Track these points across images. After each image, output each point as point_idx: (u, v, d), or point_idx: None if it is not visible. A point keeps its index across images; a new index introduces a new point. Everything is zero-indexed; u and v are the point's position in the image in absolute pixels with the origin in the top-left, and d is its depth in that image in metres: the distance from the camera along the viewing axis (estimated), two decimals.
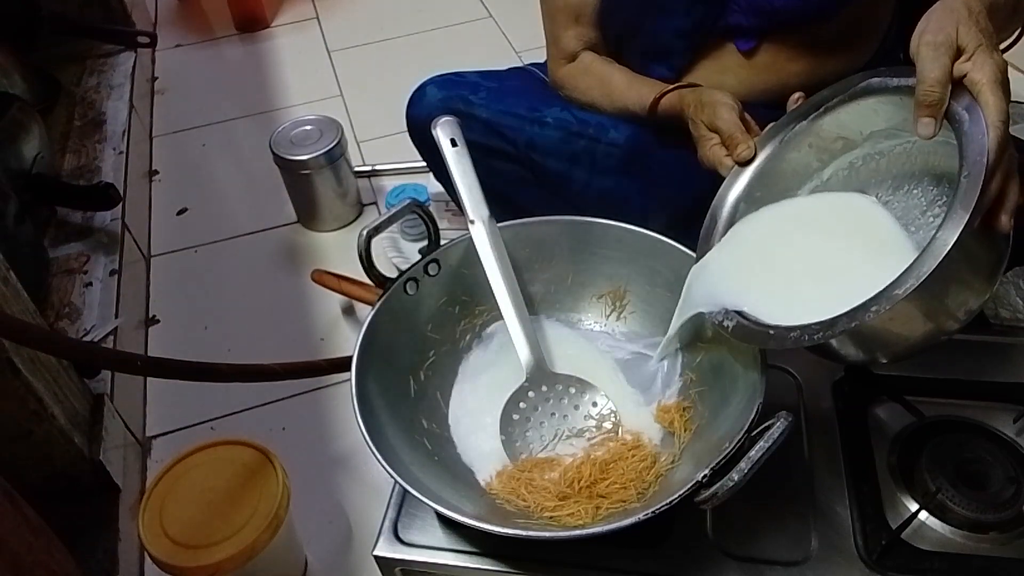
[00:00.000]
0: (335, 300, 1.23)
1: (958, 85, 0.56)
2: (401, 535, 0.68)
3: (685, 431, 0.69)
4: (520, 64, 1.13)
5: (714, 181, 0.91)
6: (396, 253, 1.25)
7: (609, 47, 0.94)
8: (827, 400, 0.76)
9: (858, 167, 0.69)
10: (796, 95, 0.71)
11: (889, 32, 0.88)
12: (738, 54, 0.86)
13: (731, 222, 0.69)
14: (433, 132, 0.77)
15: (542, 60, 1.03)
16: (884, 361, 0.64)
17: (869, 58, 0.87)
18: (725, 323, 0.64)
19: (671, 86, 0.85)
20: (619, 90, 0.90)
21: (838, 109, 0.67)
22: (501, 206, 0.91)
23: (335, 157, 1.30)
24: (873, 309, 0.53)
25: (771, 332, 0.60)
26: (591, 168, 0.93)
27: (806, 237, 0.67)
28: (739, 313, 0.63)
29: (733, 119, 0.72)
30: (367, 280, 0.72)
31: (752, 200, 0.70)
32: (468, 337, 0.79)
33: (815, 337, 0.56)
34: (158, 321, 1.26)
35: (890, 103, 0.64)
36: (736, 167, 0.71)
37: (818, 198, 0.69)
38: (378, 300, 0.72)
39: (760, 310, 0.62)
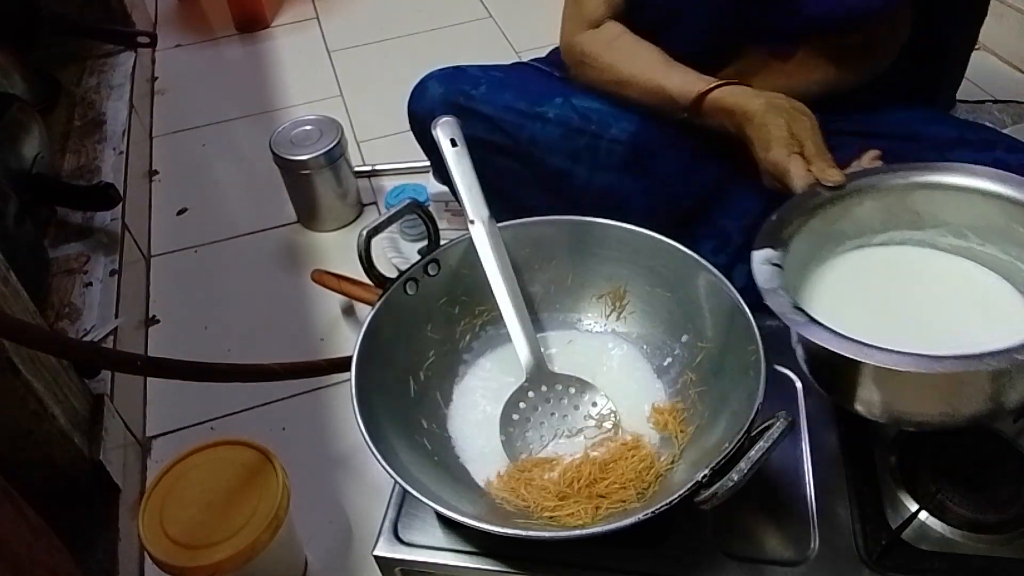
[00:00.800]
0: (335, 300, 1.23)
1: None
2: (401, 535, 0.68)
3: (681, 432, 0.69)
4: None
5: (716, 180, 0.91)
6: (396, 253, 1.25)
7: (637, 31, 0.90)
8: (827, 400, 0.76)
9: (906, 246, 0.71)
10: (874, 153, 0.72)
11: (903, 47, 0.88)
12: (768, 57, 0.86)
13: (796, 231, 0.67)
14: (433, 132, 0.77)
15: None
16: (915, 427, 0.63)
17: (883, 70, 0.88)
18: (791, 316, 0.59)
19: (723, 80, 0.82)
20: (658, 71, 0.85)
21: (942, 190, 0.67)
22: (503, 203, 0.91)
23: (335, 157, 1.30)
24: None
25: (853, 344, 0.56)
26: (593, 165, 0.93)
27: (915, 284, 0.68)
28: (806, 313, 0.59)
29: (821, 138, 0.72)
30: (367, 280, 0.72)
31: (814, 225, 0.69)
32: (468, 337, 0.79)
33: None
34: (158, 321, 1.26)
35: (994, 207, 0.64)
36: (813, 187, 0.69)
37: (930, 253, 0.69)
38: (378, 300, 0.72)
39: (838, 324, 0.59)
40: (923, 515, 0.66)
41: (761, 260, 0.64)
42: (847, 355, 0.55)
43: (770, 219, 0.67)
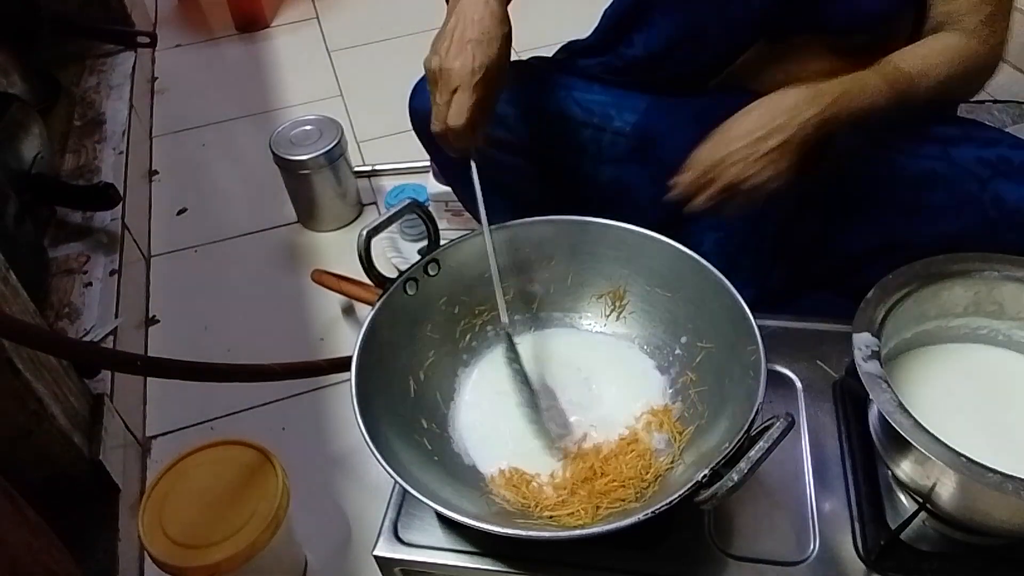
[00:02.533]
0: (335, 300, 1.23)
1: None
2: (401, 535, 0.68)
3: (678, 434, 0.69)
4: None
5: None
6: (396, 253, 1.25)
7: None
8: (827, 400, 0.76)
9: (981, 335, 0.72)
10: None
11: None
12: (771, 53, 0.86)
13: (890, 313, 0.67)
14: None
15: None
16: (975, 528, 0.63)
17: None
18: (899, 419, 0.58)
19: None
20: None
21: None
22: (504, 199, 0.91)
23: (335, 157, 1.30)
24: None
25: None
26: (597, 157, 0.92)
27: (1006, 389, 0.69)
28: (912, 415, 0.59)
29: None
30: (367, 280, 0.72)
31: (906, 305, 0.69)
32: (468, 337, 0.79)
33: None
34: (158, 321, 1.26)
35: None
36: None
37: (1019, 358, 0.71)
38: (378, 300, 0.72)
39: (933, 423, 0.59)
40: (923, 515, 0.66)
41: (862, 348, 0.64)
42: (959, 472, 0.56)
43: (866, 299, 0.67)
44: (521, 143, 0.93)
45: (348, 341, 1.16)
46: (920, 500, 0.63)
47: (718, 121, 0.87)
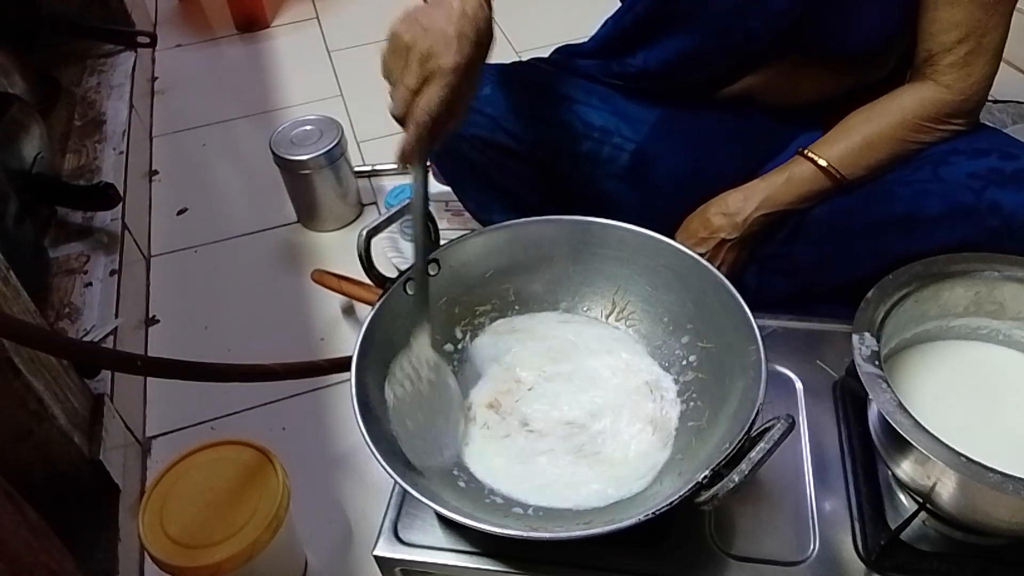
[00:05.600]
0: (335, 300, 1.23)
1: None
2: (401, 535, 0.68)
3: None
4: None
5: (708, 197, 0.93)
6: (396, 253, 1.25)
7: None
8: (827, 400, 0.76)
9: (981, 334, 0.72)
10: None
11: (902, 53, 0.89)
12: (770, 68, 0.87)
13: (889, 313, 0.68)
14: None
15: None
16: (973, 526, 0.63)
17: (883, 73, 0.90)
18: (899, 419, 0.59)
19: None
20: None
21: None
22: (506, 203, 0.91)
23: (335, 157, 1.30)
24: None
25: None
26: (594, 169, 0.93)
27: (1006, 389, 0.69)
28: (912, 415, 0.59)
29: None
30: (367, 280, 0.72)
31: (906, 305, 0.69)
32: (468, 337, 0.79)
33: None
34: (158, 321, 1.26)
35: None
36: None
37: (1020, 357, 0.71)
38: (378, 300, 0.72)
39: (933, 423, 0.59)
40: (923, 515, 0.66)
41: (862, 348, 0.64)
42: (959, 472, 0.56)
43: (866, 299, 0.68)
44: (521, 148, 0.93)
45: (348, 341, 1.16)
46: (920, 500, 0.63)
47: (714, 147, 0.88)
